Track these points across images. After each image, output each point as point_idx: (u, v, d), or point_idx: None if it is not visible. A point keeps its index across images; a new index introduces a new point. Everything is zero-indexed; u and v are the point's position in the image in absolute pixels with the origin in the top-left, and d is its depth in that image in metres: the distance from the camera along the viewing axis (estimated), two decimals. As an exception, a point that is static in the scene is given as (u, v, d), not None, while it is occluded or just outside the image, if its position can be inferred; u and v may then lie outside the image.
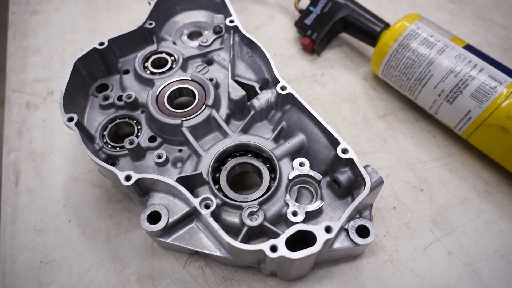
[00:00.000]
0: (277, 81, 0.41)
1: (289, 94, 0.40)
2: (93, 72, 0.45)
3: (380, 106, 0.50)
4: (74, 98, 0.43)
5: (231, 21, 0.46)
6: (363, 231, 0.37)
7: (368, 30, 0.50)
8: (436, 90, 0.43)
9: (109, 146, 0.41)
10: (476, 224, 0.41)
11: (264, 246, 0.31)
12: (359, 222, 0.37)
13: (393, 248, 0.40)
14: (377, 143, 0.47)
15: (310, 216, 0.36)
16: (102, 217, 0.42)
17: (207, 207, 0.34)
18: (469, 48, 0.43)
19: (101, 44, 0.44)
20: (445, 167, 0.45)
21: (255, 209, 0.35)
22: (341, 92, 0.52)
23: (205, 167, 0.38)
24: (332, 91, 0.52)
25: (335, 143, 0.36)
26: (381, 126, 0.49)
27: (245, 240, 0.34)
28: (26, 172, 0.46)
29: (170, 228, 0.36)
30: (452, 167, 0.45)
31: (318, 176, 0.37)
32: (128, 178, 0.35)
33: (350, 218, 0.37)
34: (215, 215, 0.34)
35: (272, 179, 0.38)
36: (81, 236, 0.41)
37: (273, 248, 0.31)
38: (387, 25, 0.49)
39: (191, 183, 0.36)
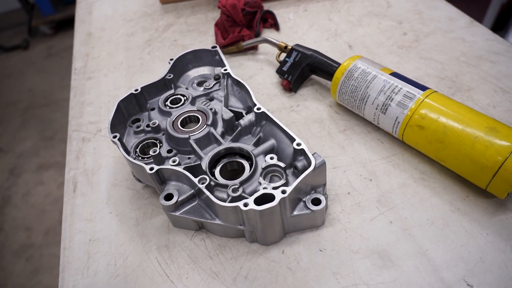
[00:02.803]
0: (255, 105, 0.58)
1: (263, 112, 0.57)
2: (130, 110, 0.65)
3: (341, 124, 0.66)
4: (117, 128, 0.61)
5: (225, 70, 0.66)
6: (317, 202, 0.50)
7: (327, 70, 0.67)
8: (374, 105, 0.59)
9: (140, 158, 0.59)
10: (412, 201, 0.54)
11: (239, 203, 0.45)
12: (314, 195, 0.51)
13: (347, 220, 0.53)
14: (337, 150, 0.62)
15: (278, 192, 0.50)
16: (134, 209, 0.58)
17: (203, 183, 0.49)
18: (394, 74, 0.59)
19: (136, 90, 0.64)
20: (390, 163, 0.59)
21: (236, 186, 0.50)
22: (311, 116, 0.68)
23: (204, 164, 0.54)
24: (305, 116, 0.68)
25: (292, 140, 0.52)
26: (341, 138, 0.64)
27: (230, 207, 0.49)
28: (81, 183, 0.63)
29: (180, 205, 0.51)
30: (395, 163, 0.59)
31: (282, 164, 0.52)
32: (151, 168, 0.51)
33: (307, 193, 0.51)
34: (210, 191, 0.49)
35: (251, 169, 0.53)
36: (118, 222, 0.57)
37: (245, 204, 0.45)
38: (339, 65, 0.66)
39: (195, 172, 0.52)
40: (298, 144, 0.51)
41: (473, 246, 0.48)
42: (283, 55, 0.77)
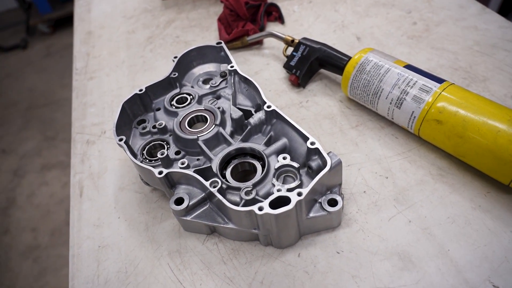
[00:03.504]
0: (265, 103, 0.56)
1: (273, 110, 0.55)
2: (135, 111, 0.63)
3: (353, 119, 0.64)
4: (123, 129, 0.59)
5: (232, 67, 0.64)
6: (333, 203, 0.48)
7: (337, 64, 0.65)
8: (388, 100, 0.57)
9: (147, 160, 0.57)
10: (431, 199, 0.52)
11: (254, 207, 0.43)
12: (330, 196, 0.49)
13: (364, 220, 0.51)
14: (350, 146, 0.60)
15: (292, 193, 0.48)
16: (142, 213, 0.56)
17: (214, 186, 0.47)
18: (408, 67, 0.57)
19: (141, 90, 0.62)
20: (406, 159, 0.57)
21: (250, 189, 0.48)
22: (322, 112, 0.66)
23: (214, 166, 0.52)
24: (315, 112, 0.66)
25: (306, 139, 0.50)
26: (354, 134, 0.62)
27: (243, 211, 0.47)
28: (87, 187, 0.61)
29: (191, 209, 0.50)
30: (412, 159, 0.57)
31: (296, 164, 0.50)
32: (160, 172, 0.49)
33: (322, 194, 0.49)
34: (222, 194, 0.48)
35: (263, 170, 0.51)
36: (127, 227, 0.55)
37: (260, 208, 0.43)
38: (350, 58, 0.64)
39: (205, 175, 0.50)
40: (312, 143, 0.49)
41: (497, 245, 0.46)
42: (290, 49, 0.74)
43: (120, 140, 0.54)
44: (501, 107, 0.49)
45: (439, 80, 0.54)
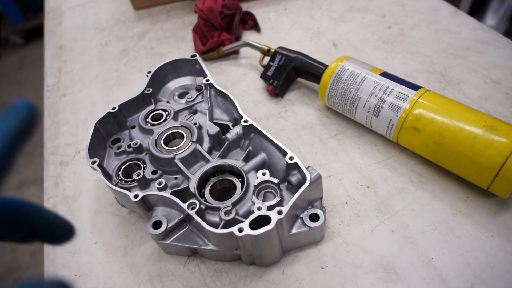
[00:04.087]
0: (242, 117, 0.55)
1: (250, 125, 0.54)
2: (109, 130, 0.61)
3: (332, 128, 0.63)
4: (96, 150, 0.57)
5: (207, 80, 0.62)
6: (315, 218, 0.48)
7: (314, 73, 0.64)
8: (365, 108, 0.56)
9: (123, 182, 0.55)
10: (412, 206, 0.52)
11: (233, 228, 0.42)
12: (311, 211, 0.48)
13: (347, 233, 0.50)
14: (330, 156, 0.59)
15: (273, 210, 0.47)
16: (121, 237, 0.54)
17: (192, 208, 0.46)
18: (384, 74, 0.57)
19: (114, 108, 0.60)
20: (386, 167, 0.57)
21: (229, 208, 0.47)
22: (301, 122, 0.65)
23: (192, 185, 0.50)
24: (294, 122, 0.65)
25: (284, 154, 0.49)
26: (334, 143, 0.61)
27: (223, 231, 0.45)
28: (62, 211, 0.59)
29: (169, 232, 0.48)
30: (392, 166, 0.57)
31: (275, 180, 0.49)
32: (136, 196, 0.48)
33: (304, 209, 0.48)
34: (201, 216, 0.46)
35: (243, 187, 0.50)
36: (105, 253, 0.53)
37: (240, 229, 0.42)
38: (326, 67, 0.63)
39: (183, 196, 0.49)
40: (291, 158, 0.48)
41: (479, 250, 0.46)
42: (267, 58, 0.74)
43: (93, 162, 0.52)
44: (477, 113, 0.50)
45: (415, 87, 0.54)
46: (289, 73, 0.68)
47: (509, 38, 0.73)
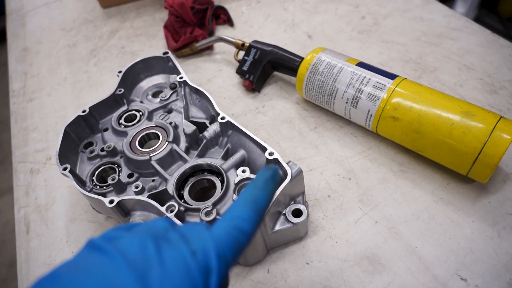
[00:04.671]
0: (218, 114, 0.53)
1: (228, 121, 0.52)
2: (80, 134, 0.58)
3: (311, 121, 0.63)
4: (67, 156, 0.55)
5: (181, 78, 0.60)
6: (298, 214, 0.47)
7: (290, 66, 0.63)
8: (343, 99, 0.56)
9: (98, 187, 0.53)
10: (394, 196, 0.52)
11: (215, 229, 0.41)
12: (294, 206, 0.47)
13: (331, 226, 0.50)
14: (311, 150, 0.59)
15: (255, 208, 0.46)
16: (98, 245, 0.52)
17: (171, 211, 0.44)
18: (361, 64, 0.56)
19: (84, 111, 0.57)
20: (367, 158, 0.56)
21: (209, 209, 0.45)
22: (279, 116, 0.64)
23: (170, 187, 0.49)
24: (272, 117, 0.64)
25: (264, 149, 0.48)
26: (314, 137, 0.60)
27: (205, 233, 0.44)
28: (34, 222, 0.56)
29: (149, 237, 0.46)
30: (372, 157, 0.56)
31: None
32: (111, 201, 0.46)
33: (286, 205, 0.47)
34: (180, 219, 0.45)
35: (223, 186, 0.48)
36: (83, 263, 0.51)
37: (222, 230, 0.41)
38: (302, 59, 0.62)
39: (161, 198, 0.47)
40: (271, 154, 0.47)
41: (461, 236, 0.47)
42: (242, 53, 0.72)
43: (65, 169, 0.50)
44: (453, 99, 0.50)
45: (392, 76, 0.54)
46: (265, 67, 0.66)
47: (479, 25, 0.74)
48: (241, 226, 0.27)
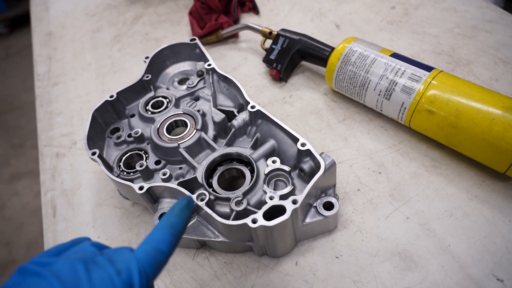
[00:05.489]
0: (248, 103, 0.52)
1: (258, 111, 0.51)
2: (107, 119, 0.58)
3: (340, 113, 0.61)
4: (95, 140, 0.54)
5: (209, 65, 0.59)
6: (329, 206, 0.46)
7: (319, 56, 0.62)
8: (376, 91, 0.54)
9: (125, 173, 0.52)
10: (427, 192, 0.50)
11: (247, 220, 0.40)
12: (325, 199, 0.46)
13: (361, 221, 0.49)
14: (340, 142, 0.57)
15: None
16: (124, 230, 0.52)
17: (202, 200, 0.44)
18: (395, 55, 0.55)
19: (111, 96, 0.57)
20: (397, 152, 0.55)
21: (240, 198, 0.44)
22: (307, 107, 0.63)
23: (199, 175, 0.48)
24: (300, 108, 0.63)
25: (295, 140, 0.47)
26: (342, 129, 0.59)
27: (235, 223, 0.43)
28: (60, 205, 0.56)
29: (177, 225, 0.46)
30: (403, 151, 0.55)
31: (287, 168, 0.47)
32: (141, 188, 0.45)
33: (317, 197, 0.46)
34: (210, 207, 0.44)
35: (253, 176, 0.48)
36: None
37: (254, 221, 0.40)
38: (333, 49, 0.61)
39: (190, 186, 0.47)
40: (303, 145, 0.46)
41: (497, 235, 0.45)
42: (268, 41, 0.71)
43: (93, 154, 0.50)
44: (493, 94, 0.48)
45: (428, 68, 0.52)
46: (293, 56, 0.65)
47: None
48: (159, 247, 0.31)
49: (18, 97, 2.43)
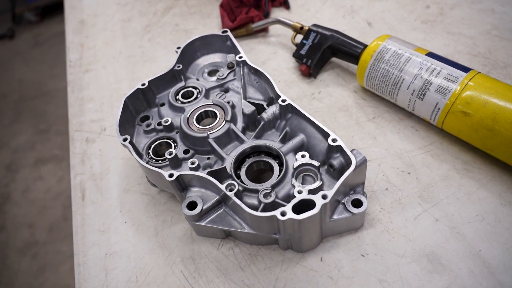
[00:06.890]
0: (279, 96, 0.52)
1: (289, 104, 0.51)
2: (138, 107, 0.59)
3: (369, 111, 0.60)
4: (125, 127, 0.55)
5: (240, 57, 0.59)
6: (358, 204, 0.45)
7: (351, 53, 0.61)
8: (409, 90, 0.53)
9: (153, 160, 0.53)
10: (458, 195, 0.49)
11: (276, 212, 0.40)
12: (353, 196, 0.46)
13: (388, 220, 0.48)
14: (368, 140, 0.57)
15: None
16: (151, 217, 0.53)
17: (231, 190, 0.44)
18: (430, 54, 0.54)
19: (143, 85, 0.58)
20: (428, 153, 0.54)
21: (268, 191, 0.45)
22: (336, 104, 0.62)
23: (228, 166, 0.48)
24: (328, 104, 0.63)
25: (326, 135, 0.47)
26: (371, 127, 0.58)
27: (262, 215, 0.44)
28: (89, 189, 0.58)
29: (204, 214, 0.46)
30: (434, 152, 0.54)
31: (316, 163, 0.46)
32: (171, 175, 0.46)
33: (345, 194, 0.46)
34: (239, 198, 0.44)
35: (281, 170, 0.48)
36: (135, 233, 0.52)
37: (283, 213, 0.40)
38: (365, 46, 0.60)
39: (219, 176, 0.47)
40: (334, 140, 0.45)
41: (531, 243, 0.44)
42: (299, 37, 0.70)
43: (125, 140, 0.50)
44: (534, 97, 0.46)
45: (465, 69, 0.50)
46: (324, 52, 0.64)
47: (559, 20, 0.69)
48: None
49: (46, 84, 2.50)
